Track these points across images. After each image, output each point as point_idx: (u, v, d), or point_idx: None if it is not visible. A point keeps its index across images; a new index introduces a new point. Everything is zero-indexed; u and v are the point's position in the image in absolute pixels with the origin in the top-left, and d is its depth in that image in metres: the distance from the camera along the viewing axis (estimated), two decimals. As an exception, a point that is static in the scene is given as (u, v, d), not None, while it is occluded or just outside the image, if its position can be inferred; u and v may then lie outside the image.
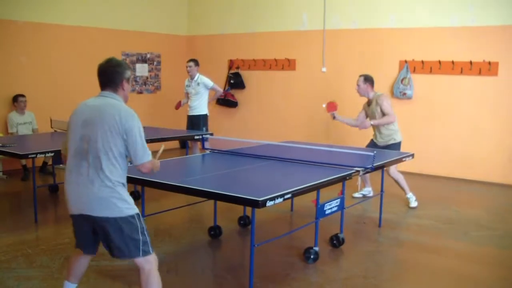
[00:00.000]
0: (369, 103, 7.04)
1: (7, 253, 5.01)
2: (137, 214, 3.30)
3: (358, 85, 6.98)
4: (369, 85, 6.94)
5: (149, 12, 11.25)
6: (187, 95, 9.01)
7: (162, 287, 3.35)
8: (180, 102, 9.18)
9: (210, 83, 8.83)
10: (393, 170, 6.90)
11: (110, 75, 3.35)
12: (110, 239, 3.27)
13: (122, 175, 3.28)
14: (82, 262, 3.59)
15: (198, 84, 8.76)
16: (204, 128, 8.81)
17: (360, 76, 6.99)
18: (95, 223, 3.28)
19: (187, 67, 8.80)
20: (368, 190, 7.48)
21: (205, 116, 8.93)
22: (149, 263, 3.33)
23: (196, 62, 8.80)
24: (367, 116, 7.08)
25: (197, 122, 8.86)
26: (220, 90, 9.32)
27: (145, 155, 3.27)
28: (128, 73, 3.40)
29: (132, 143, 3.22)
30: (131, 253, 3.29)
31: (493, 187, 8.42)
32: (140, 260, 3.31)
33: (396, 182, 6.99)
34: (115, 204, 3.20)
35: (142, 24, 11.06)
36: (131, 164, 3.35)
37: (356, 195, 7.42)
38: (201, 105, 8.87)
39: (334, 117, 7.07)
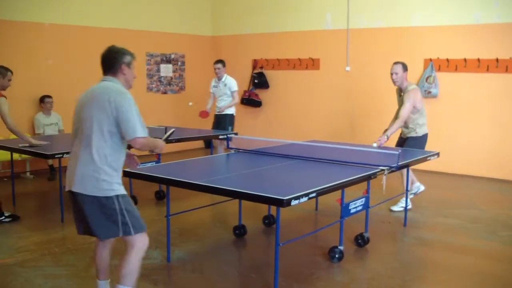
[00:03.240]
0: (401, 92, 6.64)
1: (34, 252, 5.10)
2: (117, 196, 3.39)
3: (396, 73, 6.44)
4: (406, 73, 6.52)
5: (173, 13, 11.34)
6: (213, 96, 9.06)
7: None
8: (205, 111, 8.96)
9: (234, 88, 8.84)
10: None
11: (109, 61, 3.56)
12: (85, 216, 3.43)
13: (112, 154, 3.39)
14: (102, 254, 3.69)
15: (225, 85, 8.83)
16: (230, 128, 8.81)
17: (397, 63, 6.49)
18: (76, 200, 3.45)
19: (215, 69, 8.84)
20: (416, 186, 6.93)
21: (231, 116, 8.95)
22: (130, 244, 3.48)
23: (223, 63, 8.87)
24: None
25: (223, 121, 8.89)
26: (237, 99, 9.11)
27: (136, 131, 3.35)
28: (128, 58, 3.59)
29: (122, 119, 3.33)
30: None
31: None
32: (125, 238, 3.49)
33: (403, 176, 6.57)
34: (96, 182, 3.34)
35: (166, 25, 11.14)
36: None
37: (411, 196, 6.82)
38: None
39: (385, 139, 6.40)
